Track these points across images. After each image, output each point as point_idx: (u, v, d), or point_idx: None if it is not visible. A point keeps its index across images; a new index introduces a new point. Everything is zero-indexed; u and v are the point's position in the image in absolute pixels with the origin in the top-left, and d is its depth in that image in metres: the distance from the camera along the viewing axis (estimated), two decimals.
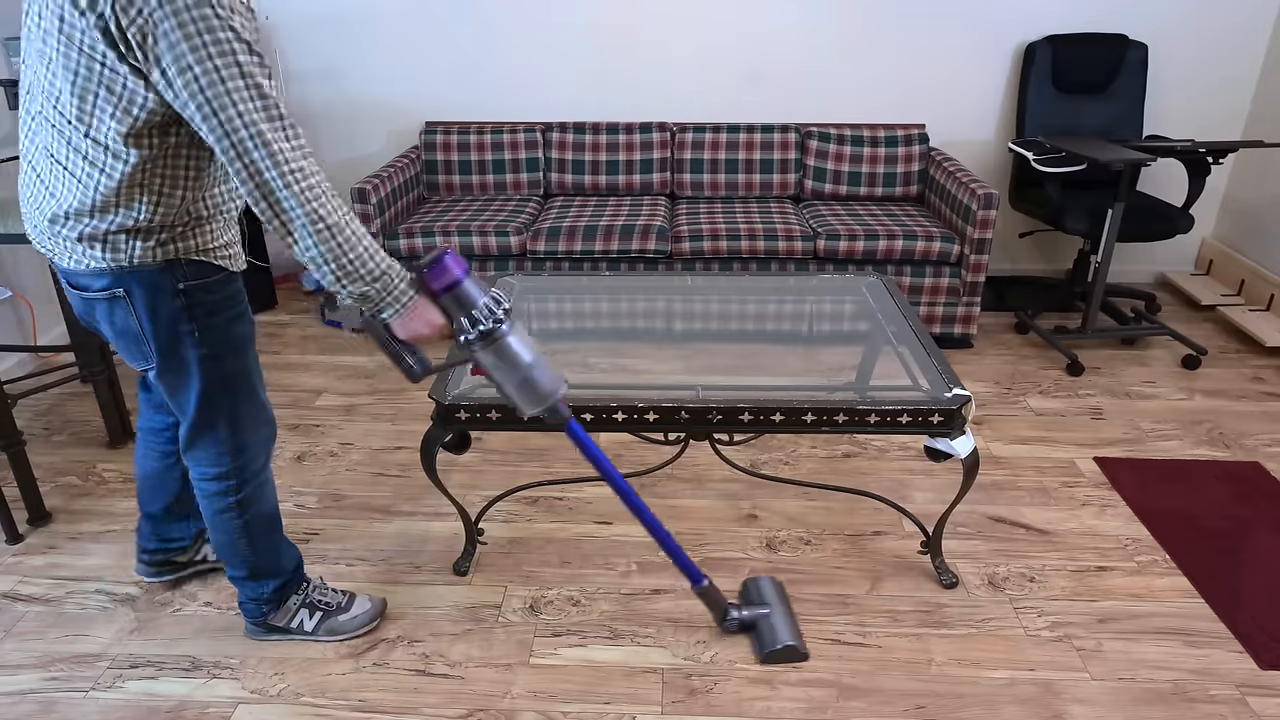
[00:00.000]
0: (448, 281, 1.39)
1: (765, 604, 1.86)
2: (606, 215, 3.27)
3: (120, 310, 1.45)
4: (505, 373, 1.44)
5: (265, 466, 1.71)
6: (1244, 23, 3.43)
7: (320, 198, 1.30)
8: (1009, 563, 2.09)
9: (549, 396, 1.47)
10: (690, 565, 1.74)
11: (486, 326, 1.40)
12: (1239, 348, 3.23)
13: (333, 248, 1.32)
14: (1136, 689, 1.73)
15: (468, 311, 1.40)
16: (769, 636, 1.78)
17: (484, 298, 1.41)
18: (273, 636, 1.85)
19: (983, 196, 2.96)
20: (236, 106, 1.23)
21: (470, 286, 1.41)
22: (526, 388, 1.45)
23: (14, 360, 3.02)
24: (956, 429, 1.79)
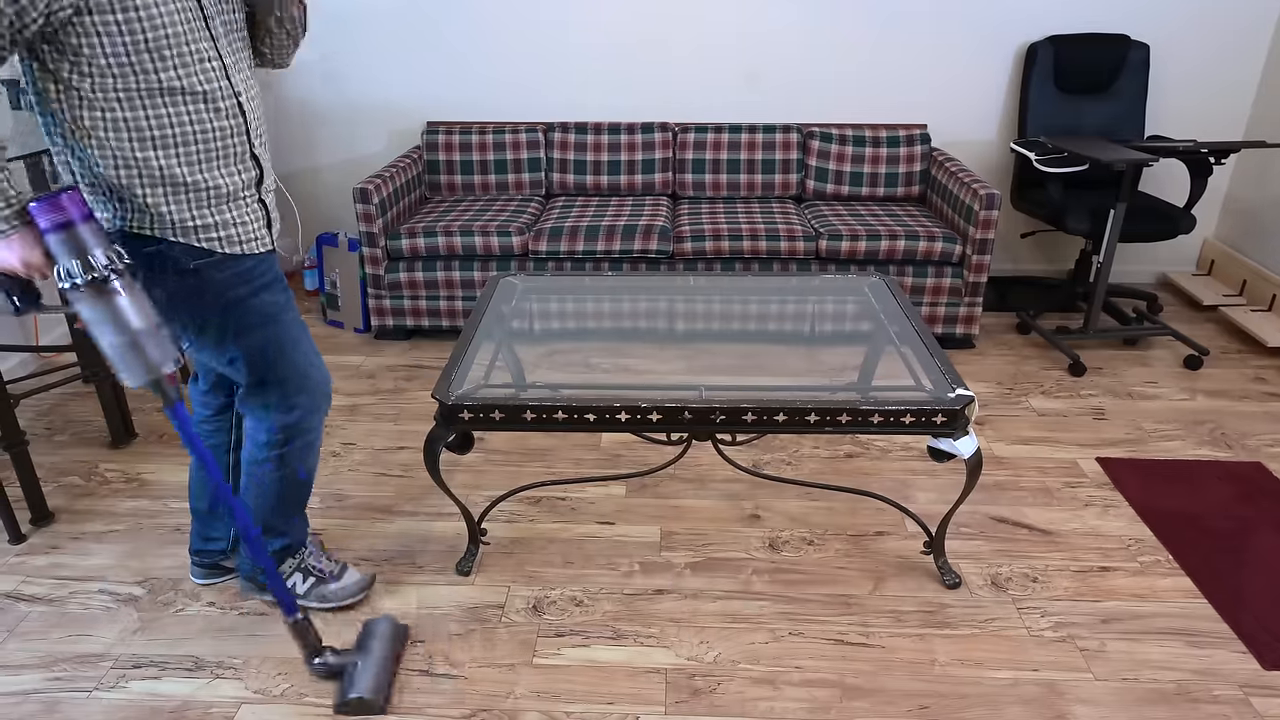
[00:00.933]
0: (59, 220, 1.33)
1: (362, 651, 1.71)
2: (608, 215, 3.27)
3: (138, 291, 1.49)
4: (106, 330, 1.38)
5: (316, 428, 1.77)
6: (1246, 23, 3.43)
7: None
8: (1012, 563, 2.09)
9: (155, 368, 1.41)
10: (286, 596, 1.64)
11: (98, 274, 1.34)
12: (1241, 348, 3.23)
13: None
14: (1140, 689, 1.73)
15: (80, 256, 1.34)
16: (347, 685, 1.65)
17: (101, 249, 1.36)
18: (264, 596, 1.91)
19: (985, 197, 2.96)
20: None
21: (86, 232, 1.35)
22: (130, 351, 1.39)
23: (16, 360, 3.03)
24: (960, 429, 1.79)
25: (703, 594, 1.99)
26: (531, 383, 2.49)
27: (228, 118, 1.51)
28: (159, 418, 2.77)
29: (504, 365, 2.31)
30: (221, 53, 1.49)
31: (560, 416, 1.80)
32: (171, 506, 2.32)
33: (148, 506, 2.32)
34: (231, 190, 1.54)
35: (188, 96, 1.44)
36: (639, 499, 2.34)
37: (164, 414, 1.55)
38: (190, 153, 1.47)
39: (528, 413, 1.80)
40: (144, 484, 2.42)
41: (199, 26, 1.44)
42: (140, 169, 1.44)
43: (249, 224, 1.58)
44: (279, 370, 1.67)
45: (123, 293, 1.38)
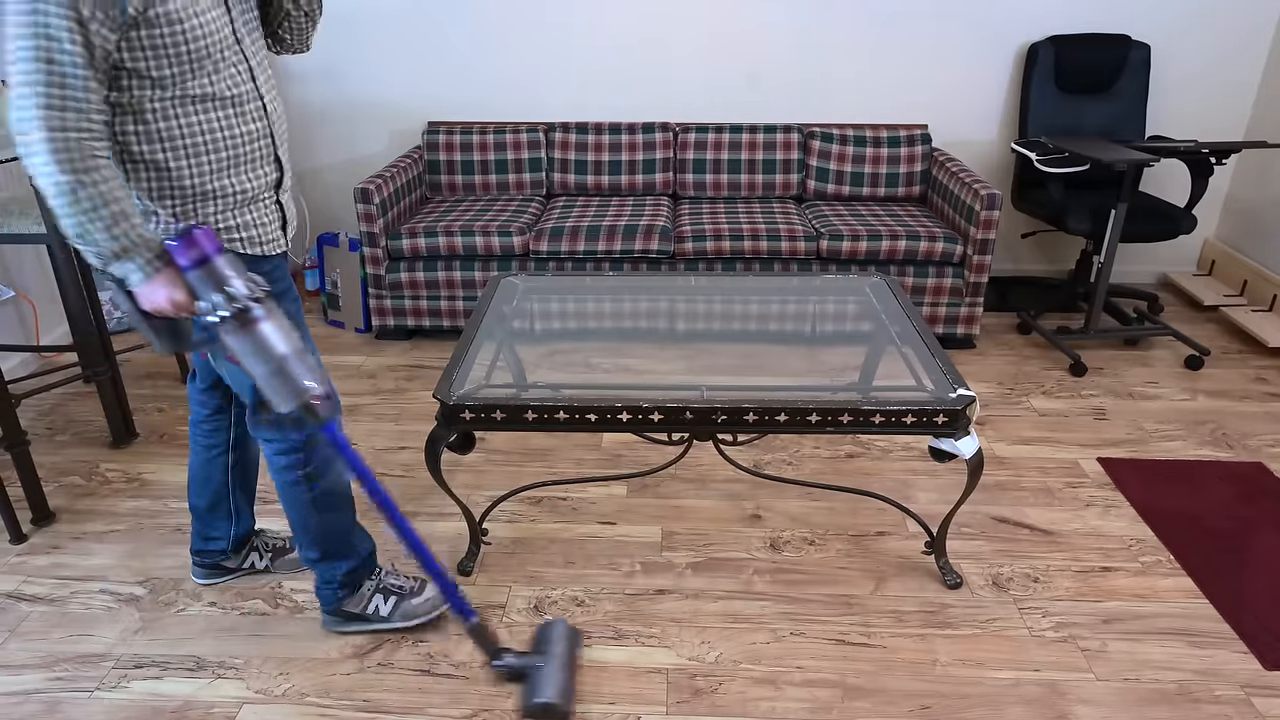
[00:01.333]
0: (196, 256, 1.35)
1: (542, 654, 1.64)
2: (609, 215, 3.27)
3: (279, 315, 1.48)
4: (255, 360, 1.38)
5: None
6: (1247, 24, 3.43)
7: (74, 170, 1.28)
8: (1013, 563, 2.09)
9: (304, 392, 1.39)
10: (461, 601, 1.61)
11: (240, 305, 1.35)
12: (1241, 348, 3.23)
13: (77, 213, 1.29)
14: (1141, 689, 1.73)
15: (220, 289, 1.35)
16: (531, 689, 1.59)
17: (237, 279, 1.37)
18: (351, 627, 1.87)
19: (985, 197, 2.96)
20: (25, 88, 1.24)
21: (223, 265, 1.36)
22: (279, 378, 1.38)
23: (17, 360, 3.02)
24: (961, 429, 1.79)
25: (704, 594, 1.99)
26: (533, 383, 2.49)
27: (254, 121, 1.51)
28: (159, 418, 2.77)
29: (505, 365, 2.31)
30: (247, 55, 1.49)
31: (562, 416, 1.80)
32: (172, 506, 2.32)
33: (149, 506, 2.32)
34: (254, 192, 1.54)
35: (218, 103, 1.44)
36: (640, 499, 2.34)
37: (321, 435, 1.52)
38: (221, 159, 1.48)
39: (529, 413, 1.80)
40: (145, 484, 2.42)
41: (228, 33, 1.44)
42: (171, 178, 1.44)
43: (267, 225, 1.58)
44: None
45: (266, 319, 1.37)
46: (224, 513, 1.95)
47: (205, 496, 1.92)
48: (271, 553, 2.06)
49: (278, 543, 2.07)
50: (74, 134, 1.28)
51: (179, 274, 1.38)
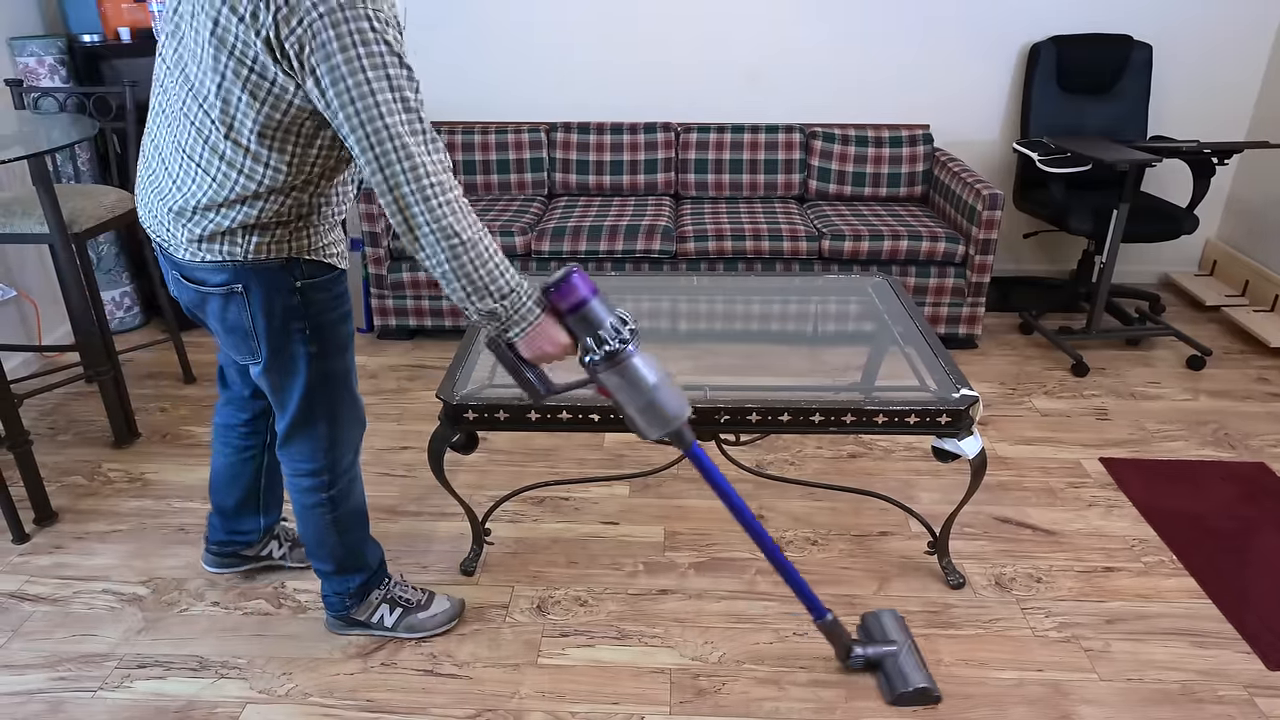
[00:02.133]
0: (575, 301, 1.35)
1: (891, 641, 1.77)
2: (611, 215, 3.27)
3: (235, 306, 1.46)
4: (629, 394, 1.39)
5: (355, 463, 1.73)
6: (1248, 24, 3.43)
7: (456, 212, 1.28)
8: (1016, 563, 2.09)
9: (673, 420, 1.41)
10: (813, 598, 1.68)
11: (612, 347, 1.35)
12: (1243, 348, 3.23)
13: (464, 263, 1.29)
14: (1145, 690, 1.73)
15: (594, 331, 1.36)
16: (899, 678, 1.70)
17: (610, 317, 1.37)
18: (353, 631, 1.87)
19: (988, 197, 2.96)
20: (385, 119, 1.23)
21: (597, 306, 1.36)
22: (650, 410, 1.40)
23: (19, 360, 3.02)
24: (964, 429, 1.79)
25: (707, 594, 1.99)
26: None
27: None
28: (161, 417, 2.77)
29: None
30: None
31: (564, 417, 1.80)
32: (175, 506, 2.32)
33: (151, 506, 2.32)
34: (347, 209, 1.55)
35: None
36: (642, 499, 2.34)
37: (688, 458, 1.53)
38: (343, 175, 1.49)
39: (532, 413, 1.80)
40: (147, 484, 2.42)
41: None
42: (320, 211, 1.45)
43: (343, 240, 1.58)
44: (334, 404, 1.62)
45: (636, 354, 1.38)
46: (252, 509, 1.94)
47: (233, 495, 1.91)
48: (290, 542, 2.05)
49: (296, 534, 2.07)
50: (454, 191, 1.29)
51: (560, 318, 1.37)
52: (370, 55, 1.21)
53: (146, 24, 3.15)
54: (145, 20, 3.15)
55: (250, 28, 1.21)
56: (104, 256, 3.27)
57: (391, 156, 1.23)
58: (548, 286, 1.36)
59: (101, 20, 3.11)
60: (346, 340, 1.60)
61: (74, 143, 2.13)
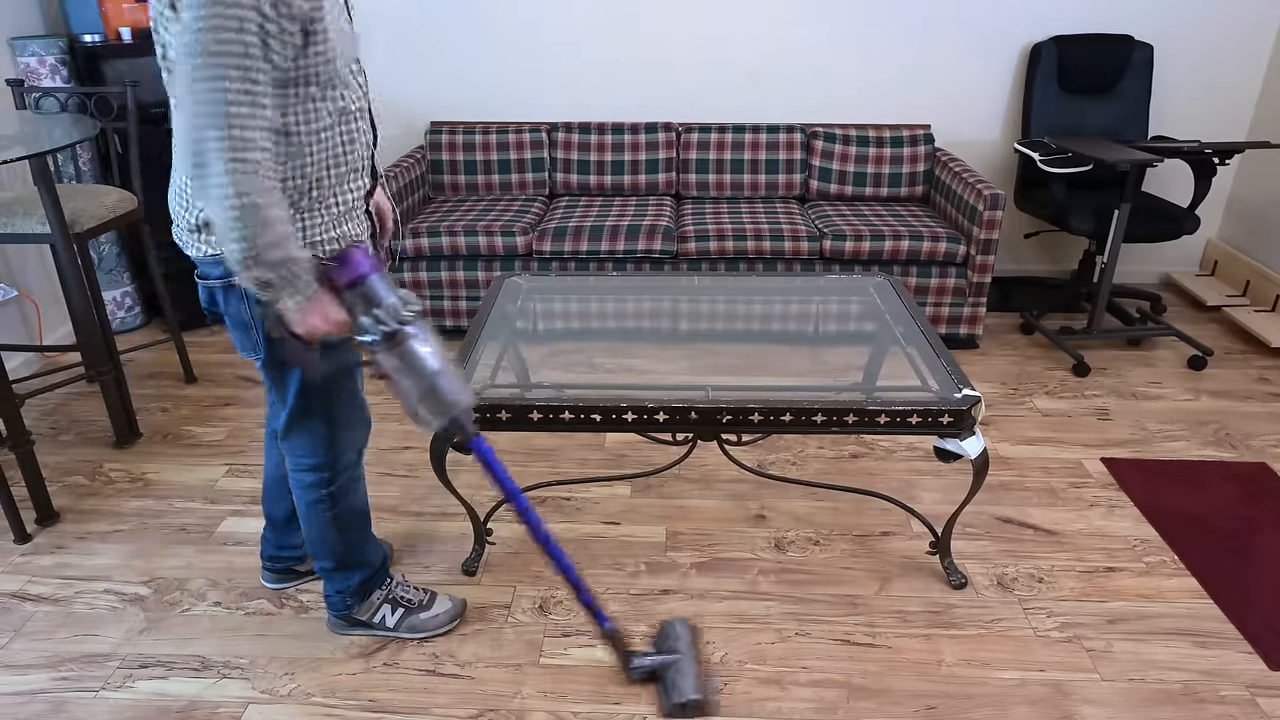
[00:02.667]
0: (352, 276, 1.34)
1: (674, 651, 1.72)
2: (612, 215, 3.27)
3: (234, 299, 1.47)
4: (408, 378, 1.38)
5: (358, 463, 1.73)
6: (1249, 24, 3.43)
7: (250, 173, 1.24)
8: (1017, 563, 2.09)
9: (452, 407, 1.39)
10: (597, 607, 1.65)
11: (390, 327, 1.34)
12: (1244, 348, 3.23)
13: (246, 223, 1.25)
14: (1147, 690, 1.73)
15: (371, 310, 1.35)
16: (672, 689, 1.66)
17: (391, 297, 1.35)
18: (355, 631, 1.87)
19: (989, 197, 2.96)
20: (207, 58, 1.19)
21: (377, 284, 1.35)
22: (430, 396, 1.38)
23: (20, 360, 3.02)
24: (966, 430, 1.79)
25: (709, 594, 1.99)
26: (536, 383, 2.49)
27: (362, 133, 1.49)
28: (163, 417, 2.77)
29: (508, 365, 2.31)
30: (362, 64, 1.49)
31: (567, 417, 1.80)
32: (176, 506, 2.32)
33: (153, 506, 2.32)
34: (352, 203, 1.51)
35: (342, 119, 1.42)
36: (644, 499, 2.34)
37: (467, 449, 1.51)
38: (341, 173, 1.46)
39: (534, 413, 1.80)
40: (149, 484, 2.42)
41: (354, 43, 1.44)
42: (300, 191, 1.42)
43: (360, 236, 1.55)
44: (334, 400, 1.61)
45: (417, 337, 1.36)
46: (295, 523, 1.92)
47: (281, 507, 1.91)
48: None
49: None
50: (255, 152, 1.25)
51: (336, 294, 1.36)
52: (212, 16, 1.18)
53: (147, 24, 3.15)
54: (146, 20, 3.14)
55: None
56: (105, 256, 3.27)
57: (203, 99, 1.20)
58: (326, 261, 1.35)
59: (103, 20, 3.11)
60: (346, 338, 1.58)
61: (75, 143, 2.13)
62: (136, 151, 2.73)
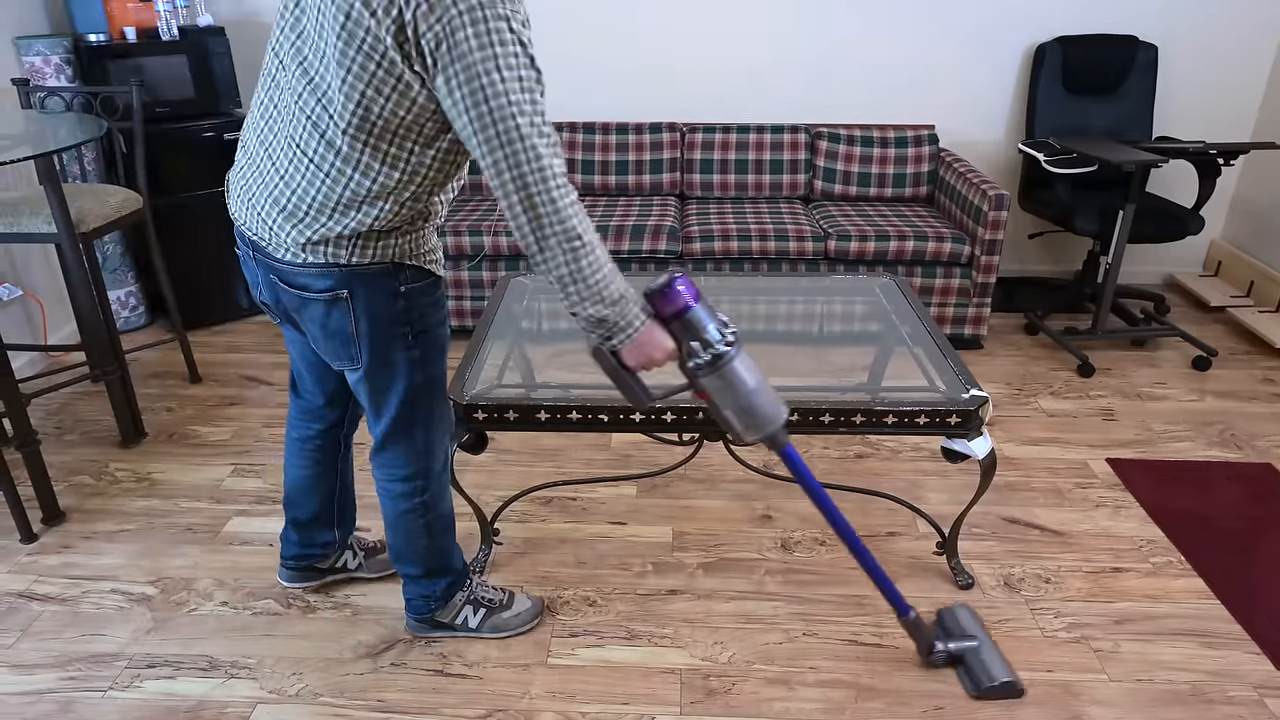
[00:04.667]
0: (679, 307, 1.35)
1: (970, 636, 1.77)
2: (617, 215, 3.27)
3: (338, 311, 1.44)
4: (728, 398, 1.40)
5: (447, 466, 1.73)
6: (1254, 24, 3.43)
7: (578, 215, 1.27)
8: (1024, 564, 2.09)
9: (771, 423, 1.42)
10: (898, 596, 1.68)
11: (717, 351, 1.36)
12: (1249, 349, 3.23)
13: (582, 266, 1.27)
14: (1154, 690, 1.73)
15: (698, 336, 1.36)
16: (982, 672, 1.71)
17: (712, 322, 1.37)
18: (436, 632, 1.86)
19: (994, 198, 2.96)
20: (517, 119, 1.21)
21: (700, 311, 1.36)
22: (748, 414, 1.41)
23: (25, 359, 3.02)
24: (974, 430, 1.79)
25: (716, 594, 1.99)
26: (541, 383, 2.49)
27: None
28: (168, 417, 2.77)
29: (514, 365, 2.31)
30: None
31: (574, 417, 1.80)
32: (182, 506, 2.32)
33: (159, 506, 2.32)
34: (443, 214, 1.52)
35: None
36: (650, 499, 2.34)
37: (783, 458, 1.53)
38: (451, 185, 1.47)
39: (542, 413, 1.80)
40: (154, 483, 2.42)
41: None
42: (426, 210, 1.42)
43: (440, 248, 1.55)
44: (431, 409, 1.61)
45: (737, 358, 1.38)
46: (328, 521, 1.90)
47: (310, 508, 1.87)
48: (364, 552, 2.02)
49: (369, 543, 2.05)
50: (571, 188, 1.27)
51: (664, 324, 1.37)
52: (506, 55, 1.19)
53: (152, 23, 3.15)
54: (151, 20, 3.14)
55: (383, 23, 1.19)
56: (109, 256, 3.27)
57: (521, 157, 1.22)
58: (651, 292, 1.35)
59: (107, 19, 3.11)
60: (445, 343, 1.59)
61: (82, 142, 2.13)
62: (142, 151, 2.73)
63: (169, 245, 3.19)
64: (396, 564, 1.78)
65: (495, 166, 1.23)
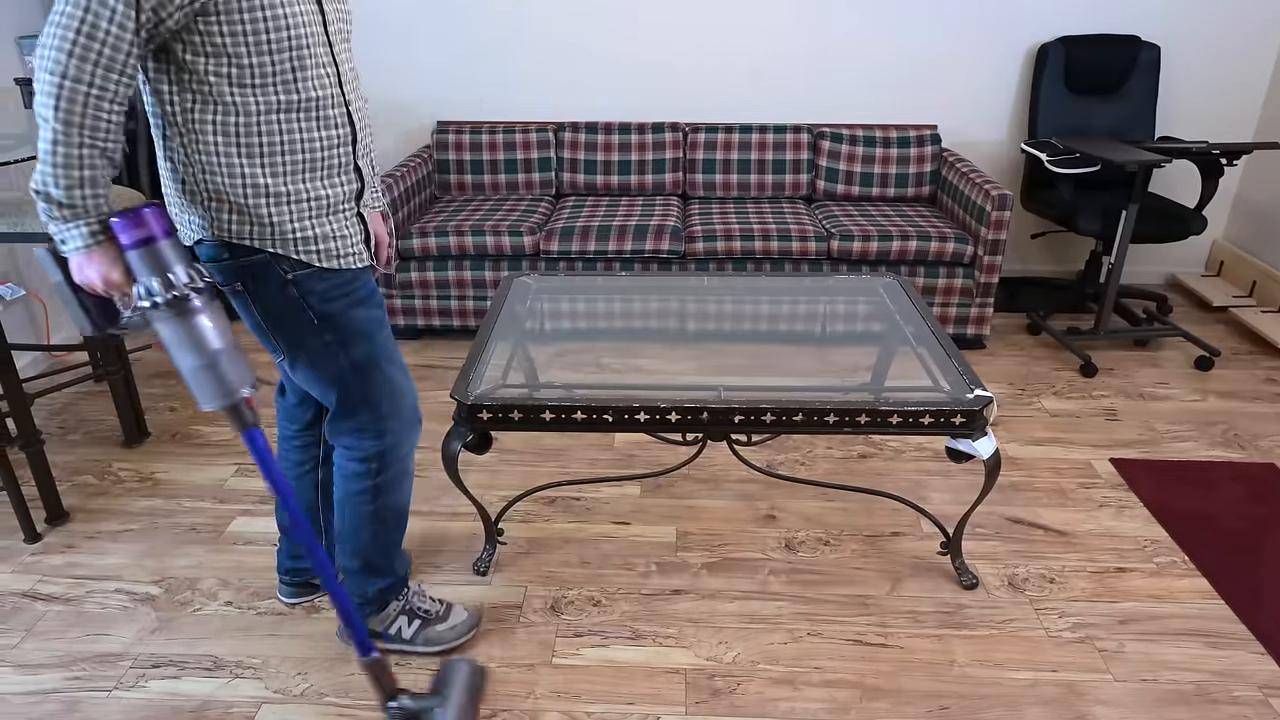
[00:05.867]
0: (140, 236, 1.27)
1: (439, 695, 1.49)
2: (619, 215, 3.27)
3: (242, 305, 1.49)
4: (187, 354, 1.30)
5: (408, 455, 1.70)
6: (1256, 24, 3.43)
7: (78, 97, 1.21)
8: (1028, 564, 2.09)
9: (232, 392, 1.31)
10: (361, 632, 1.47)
11: (180, 292, 1.27)
12: (1251, 349, 3.23)
13: (53, 147, 1.22)
14: (1159, 690, 1.73)
15: (161, 275, 1.27)
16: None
17: (182, 266, 1.29)
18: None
19: (997, 198, 2.96)
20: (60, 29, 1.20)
21: (167, 249, 1.28)
22: (209, 376, 1.30)
23: (28, 359, 3.02)
24: (978, 430, 1.79)
25: (720, 594, 1.99)
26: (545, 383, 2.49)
27: (336, 128, 1.45)
28: (171, 417, 2.77)
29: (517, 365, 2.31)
30: (337, 60, 1.44)
31: (579, 417, 1.80)
32: (186, 506, 2.32)
33: (162, 506, 2.32)
34: (333, 202, 1.49)
35: (300, 109, 1.39)
36: (654, 499, 2.34)
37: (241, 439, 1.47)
38: (297, 162, 1.43)
39: (546, 413, 1.80)
40: (158, 483, 2.42)
41: (319, 32, 1.40)
42: (245, 179, 1.39)
43: (349, 237, 1.52)
44: (371, 391, 1.59)
45: (203, 312, 1.30)
46: (314, 529, 1.85)
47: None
48: None
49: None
50: (87, 88, 1.22)
51: (119, 251, 1.30)
52: None
53: None
54: None
55: None
56: None
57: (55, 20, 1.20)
58: (115, 215, 1.28)
59: None
60: (367, 326, 1.56)
61: None
62: (145, 150, 2.73)
63: None
64: (339, 554, 1.74)
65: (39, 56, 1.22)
